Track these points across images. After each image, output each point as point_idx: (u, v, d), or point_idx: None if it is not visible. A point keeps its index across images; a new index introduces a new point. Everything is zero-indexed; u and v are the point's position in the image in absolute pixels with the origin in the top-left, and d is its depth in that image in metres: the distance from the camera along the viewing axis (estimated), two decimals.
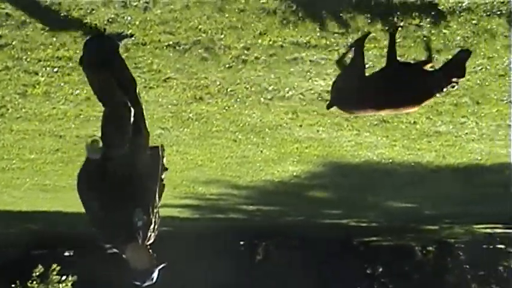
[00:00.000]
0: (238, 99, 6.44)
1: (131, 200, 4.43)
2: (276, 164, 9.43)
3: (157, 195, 4.61)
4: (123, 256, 4.36)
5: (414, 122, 7.13)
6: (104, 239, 4.46)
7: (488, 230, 20.46)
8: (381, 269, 22.51)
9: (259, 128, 7.45)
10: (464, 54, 4.78)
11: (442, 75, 4.77)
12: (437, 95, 4.88)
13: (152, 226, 4.50)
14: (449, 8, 4.46)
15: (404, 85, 4.86)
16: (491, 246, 21.69)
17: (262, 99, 6.38)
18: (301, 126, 7.36)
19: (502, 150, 8.26)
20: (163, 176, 4.85)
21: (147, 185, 4.56)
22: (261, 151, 8.62)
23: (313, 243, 20.45)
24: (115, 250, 4.44)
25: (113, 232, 4.37)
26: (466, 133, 7.53)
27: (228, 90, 6.19)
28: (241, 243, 22.32)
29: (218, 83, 6.01)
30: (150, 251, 4.42)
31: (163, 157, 4.90)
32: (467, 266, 21.82)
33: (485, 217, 16.66)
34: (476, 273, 21.62)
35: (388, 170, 9.53)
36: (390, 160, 9.02)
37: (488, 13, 4.52)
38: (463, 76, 4.78)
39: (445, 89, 4.79)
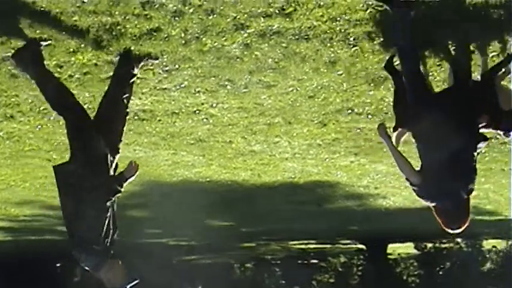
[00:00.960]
0: (51, 118, 6.21)
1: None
2: None
3: None
4: (96, 274, 4.36)
5: (230, 141, 7.26)
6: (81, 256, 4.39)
7: (303, 246, 21.28)
8: (200, 287, 22.59)
9: None
10: None
11: None
12: None
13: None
14: (260, 31, 4.58)
15: None
16: (306, 262, 22.58)
17: None
18: None
19: (313, 168, 8.63)
20: None
21: None
22: None
23: (132, 262, 20.09)
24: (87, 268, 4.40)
25: (91, 248, 4.33)
26: (280, 152, 7.77)
27: (41, 108, 5.95)
28: (58, 265, 21.47)
29: (30, 101, 5.76)
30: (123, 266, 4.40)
31: None
32: (284, 282, 22.49)
33: (300, 234, 17.30)
34: None
35: (205, 188, 9.61)
36: (207, 179, 9.11)
37: (296, 37, 4.70)
38: None
39: None
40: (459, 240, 20.33)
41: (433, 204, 4.32)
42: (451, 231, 4.38)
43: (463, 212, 4.32)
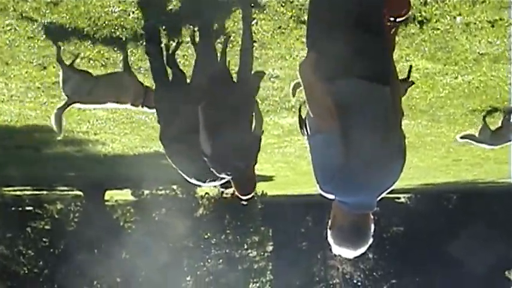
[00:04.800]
0: None
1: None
2: None
3: None
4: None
5: None
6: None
7: (18, 193, 20.64)
8: None
9: None
10: None
11: None
12: None
13: None
14: None
15: None
16: (20, 208, 21.97)
17: None
18: None
19: (31, 112, 8.38)
20: None
21: None
22: None
23: None
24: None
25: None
26: None
27: None
28: None
29: None
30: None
31: None
32: None
33: (15, 179, 16.74)
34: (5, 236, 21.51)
35: None
36: None
37: None
38: None
39: None
40: (175, 187, 21.18)
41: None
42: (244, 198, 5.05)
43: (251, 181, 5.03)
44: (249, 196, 5.06)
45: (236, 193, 5.06)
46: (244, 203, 5.20)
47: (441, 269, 30.81)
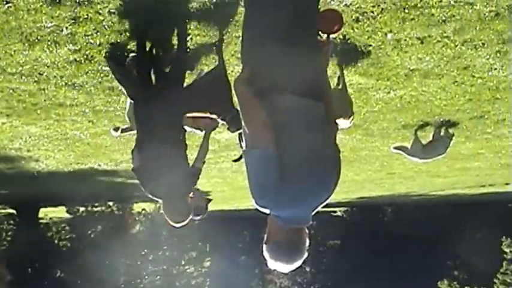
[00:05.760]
0: None
1: None
2: None
3: None
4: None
5: None
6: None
7: None
8: None
9: None
10: None
11: None
12: None
13: None
14: None
15: None
16: None
17: None
18: None
19: None
20: None
21: None
22: None
23: None
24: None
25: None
26: None
27: None
28: None
29: None
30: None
31: None
32: None
33: None
34: None
35: None
36: None
37: None
38: None
39: None
40: (111, 203, 20.93)
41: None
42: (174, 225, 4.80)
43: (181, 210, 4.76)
44: (180, 225, 4.74)
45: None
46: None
47: (377, 281, 31.22)
